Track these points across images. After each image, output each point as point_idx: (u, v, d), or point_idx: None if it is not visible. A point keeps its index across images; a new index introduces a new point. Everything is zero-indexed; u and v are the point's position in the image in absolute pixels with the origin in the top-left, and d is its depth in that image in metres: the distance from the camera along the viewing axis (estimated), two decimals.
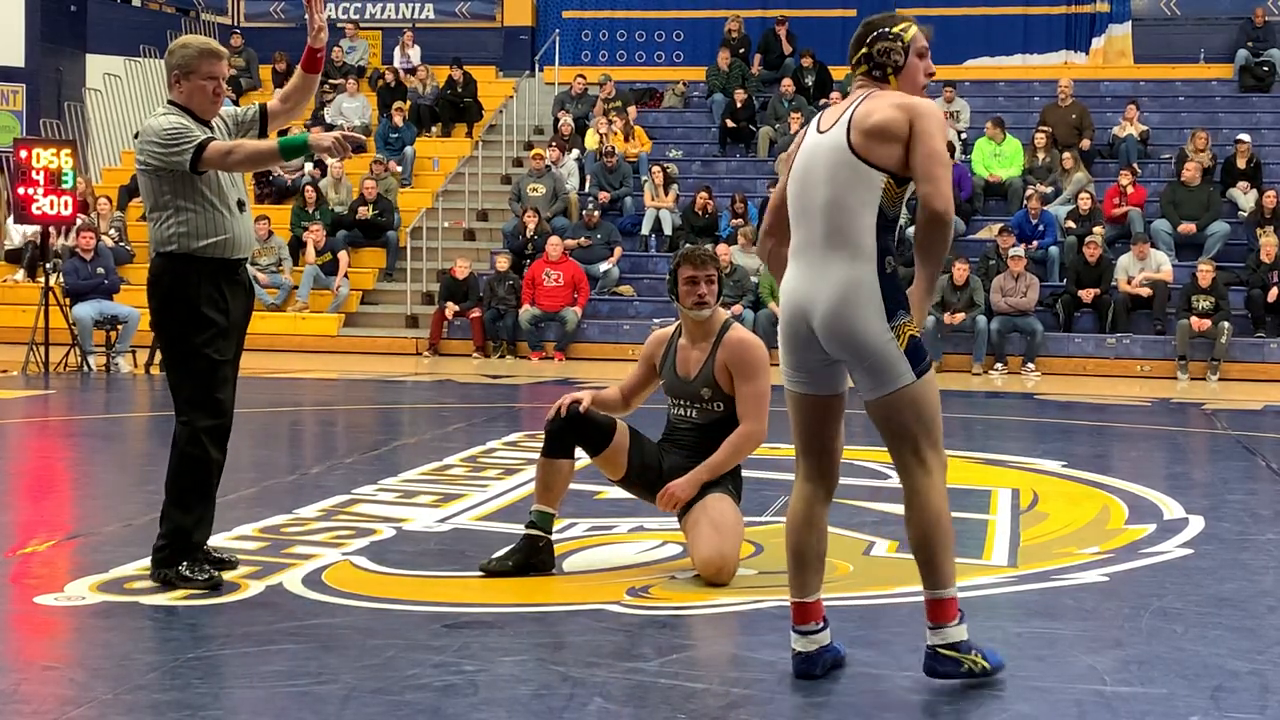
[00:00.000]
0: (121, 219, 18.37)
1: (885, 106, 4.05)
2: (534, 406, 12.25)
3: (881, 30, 4.23)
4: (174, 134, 5.09)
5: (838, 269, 4.00)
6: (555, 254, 16.44)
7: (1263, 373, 15.13)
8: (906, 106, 4.07)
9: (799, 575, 4.17)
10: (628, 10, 23.05)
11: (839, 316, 3.99)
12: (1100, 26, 21.72)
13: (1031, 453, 8.90)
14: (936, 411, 4.18)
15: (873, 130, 4.01)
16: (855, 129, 4.03)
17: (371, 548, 5.78)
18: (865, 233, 4.01)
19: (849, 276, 3.99)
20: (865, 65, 4.22)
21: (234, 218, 5.23)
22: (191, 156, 5.05)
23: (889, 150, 4.01)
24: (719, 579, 5.22)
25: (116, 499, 6.89)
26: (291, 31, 23.33)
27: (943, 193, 3.96)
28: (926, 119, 4.05)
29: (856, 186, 4.01)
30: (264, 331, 16.84)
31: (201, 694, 3.92)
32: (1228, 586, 5.42)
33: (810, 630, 4.15)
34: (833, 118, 4.14)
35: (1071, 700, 3.97)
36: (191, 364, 5.13)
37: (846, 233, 4.01)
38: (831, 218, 4.03)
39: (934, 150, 3.99)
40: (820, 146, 4.09)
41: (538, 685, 4.03)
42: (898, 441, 4.14)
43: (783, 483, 7.52)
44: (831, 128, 4.10)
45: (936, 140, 4.02)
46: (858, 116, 4.05)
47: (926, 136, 4.01)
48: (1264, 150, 18.52)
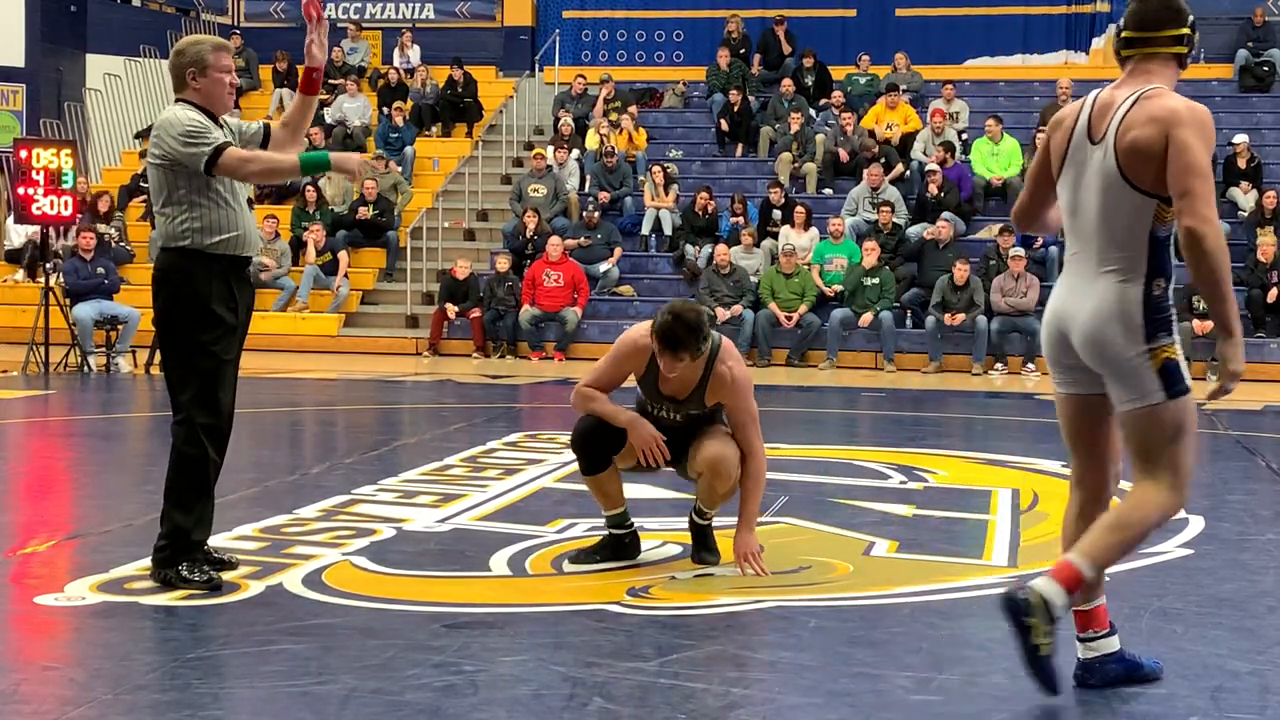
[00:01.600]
0: (121, 219, 18.37)
1: (1142, 120, 3.88)
2: (534, 407, 12.25)
3: (1193, 19, 4.03)
4: (194, 131, 5.05)
5: (1105, 287, 3.95)
6: (555, 254, 16.44)
7: (1263, 373, 15.12)
8: (1163, 119, 3.86)
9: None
10: (628, 10, 23.05)
11: (1098, 333, 3.96)
12: (1100, 26, 21.72)
13: (1031, 453, 8.90)
14: (1185, 435, 4.04)
15: (1130, 150, 3.89)
16: (1120, 145, 3.90)
17: (371, 548, 5.78)
18: (1139, 253, 3.92)
19: (1115, 294, 3.94)
20: (1162, 48, 4.01)
21: (245, 214, 5.23)
22: (208, 158, 5.03)
23: (1149, 170, 3.87)
24: (721, 469, 5.38)
25: (116, 499, 6.89)
26: (291, 31, 23.33)
27: (1196, 210, 3.77)
28: (1186, 128, 3.83)
29: (1126, 207, 3.91)
30: (264, 331, 16.87)
31: (201, 694, 3.92)
32: (1228, 586, 5.42)
33: (1090, 638, 4.12)
34: (1103, 118, 3.97)
35: (1071, 700, 3.97)
36: (197, 362, 5.11)
37: (1119, 251, 3.93)
38: (1104, 235, 3.95)
39: (1189, 164, 3.79)
40: (1092, 159, 3.98)
41: (538, 685, 4.03)
42: (1140, 458, 4.04)
43: (783, 483, 7.53)
44: (1102, 137, 3.96)
45: (1194, 151, 3.81)
46: (1121, 129, 3.91)
47: (1183, 149, 3.81)
48: (1264, 150, 18.52)
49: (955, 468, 8.34)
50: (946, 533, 6.39)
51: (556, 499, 7.04)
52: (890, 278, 15.98)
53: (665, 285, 17.40)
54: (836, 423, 11.53)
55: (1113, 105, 3.97)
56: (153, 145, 5.17)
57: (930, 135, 18.43)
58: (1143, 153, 3.85)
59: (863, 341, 15.95)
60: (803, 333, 15.89)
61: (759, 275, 16.38)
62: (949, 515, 6.79)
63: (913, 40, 20.96)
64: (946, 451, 9.05)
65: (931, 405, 12.61)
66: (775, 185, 17.52)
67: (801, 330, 15.87)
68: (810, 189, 18.59)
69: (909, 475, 7.95)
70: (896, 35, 21.10)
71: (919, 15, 21.85)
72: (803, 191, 18.49)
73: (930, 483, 7.79)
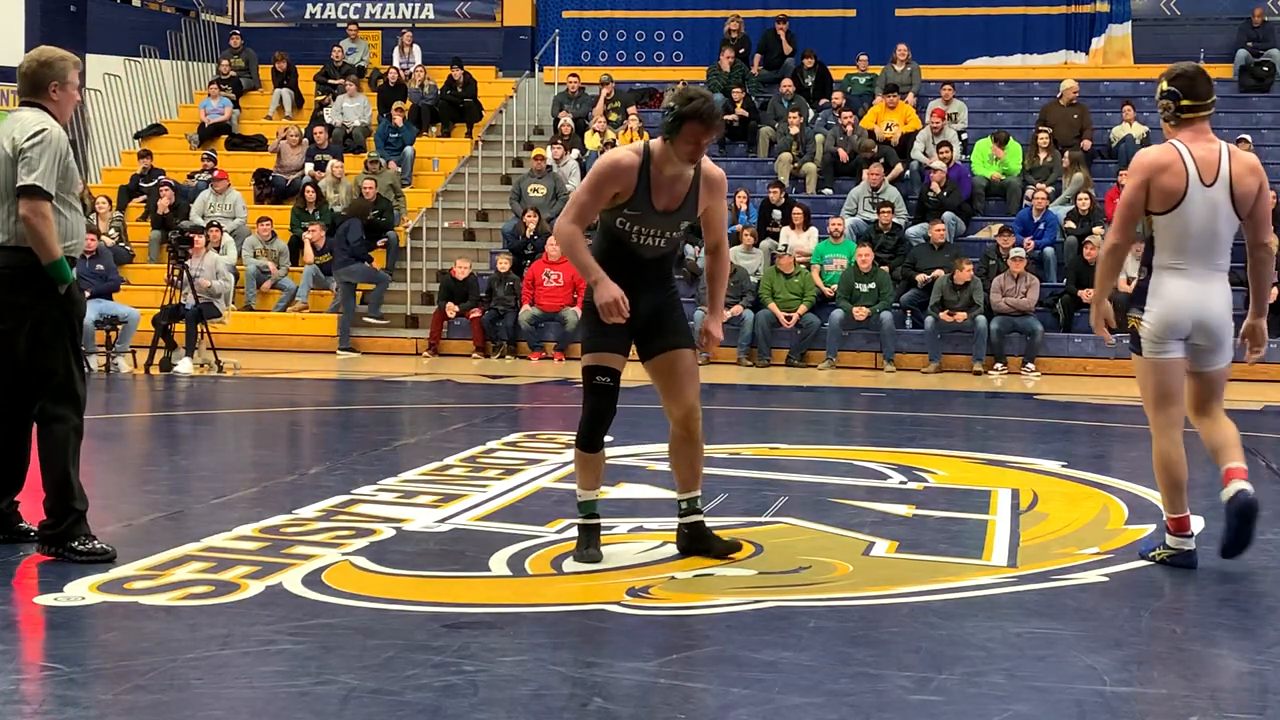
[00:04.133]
0: (121, 219, 18.37)
1: (1246, 172, 5.59)
2: (534, 407, 12.26)
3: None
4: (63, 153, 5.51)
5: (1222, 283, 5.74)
6: (555, 254, 16.43)
7: (1262, 373, 15.12)
8: (1257, 169, 5.63)
9: (1180, 497, 5.69)
10: (628, 10, 23.04)
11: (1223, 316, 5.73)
12: (1100, 26, 21.71)
13: (1031, 453, 8.90)
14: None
15: (1244, 195, 5.58)
16: (1235, 191, 5.55)
17: (371, 548, 5.78)
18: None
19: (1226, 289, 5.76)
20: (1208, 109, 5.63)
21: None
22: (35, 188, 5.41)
23: (1246, 207, 5.62)
24: (691, 422, 5.66)
25: (116, 499, 6.89)
26: (291, 31, 23.34)
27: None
28: (1264, 176, 5.66)
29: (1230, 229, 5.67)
30: (264, 331, 16.91)
31: (201, 694, 3.92)
32: (1228, 586, 5.42)
33: (1189, 534, 5.67)
34: (1210, 168, 5.53)
35: (1071, 700, 3.98)
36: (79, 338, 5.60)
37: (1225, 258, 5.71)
38: (1224, 250, 5.66)
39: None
40: (1213, 199, 5.53)
41: (538, 685, 4.03)
42: (1219, 396, 5.83)
43: (783, 483, 7.53)
44: (1214, 184, 5.52)
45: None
46: (1235, 178, 5.55)
47: (1267, 192, 5.65)
48: (1264, 150, 18.51)
49: (955, 468, 8.34)
50: (946, 533, 6.39)
51: (556, 499, 7.04)
52: (887, 279, 15.97)
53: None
54: (836, 423, 11.54)
55: (1214, 156, 5.56)
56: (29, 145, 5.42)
57: (930, 135, 18.43)
58: (1250, 195, 5.62)
59: (862, 342, 15.94)
60: (802, 333, 15.89)
61: (759, 275, 16.38)
62: (949, 515, 6.79)
63: (913, 40, 20.94)
64: (946, 451, 9.05)
65: (931, 405, 12.61)
66: (775, 185, 17.52)
67: (801, 330, 15.87)
68: (810, 189, 18.59)
69: (909, 475, 7.95)
70: (896, 35, 21.07)
71: (919, 15, 21.84)
72: (802, 192, 18.49)
73: (930, 483, 7.79)
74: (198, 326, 14.23)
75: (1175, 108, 5.57)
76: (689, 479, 5.73)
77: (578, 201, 5.46)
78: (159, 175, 18.94)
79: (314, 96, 21.50)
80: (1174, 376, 5.69)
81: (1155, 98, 5.80)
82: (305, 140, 19.95)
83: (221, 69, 22.14)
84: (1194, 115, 5.56)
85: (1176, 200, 5.50)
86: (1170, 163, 5.51)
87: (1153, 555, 5.74)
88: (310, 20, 23.52)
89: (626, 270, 5.50)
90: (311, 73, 21.71)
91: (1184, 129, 5.58)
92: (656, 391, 5.75)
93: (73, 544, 5.43)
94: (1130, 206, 5.59)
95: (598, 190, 5.42)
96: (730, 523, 6.43)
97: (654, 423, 11.44)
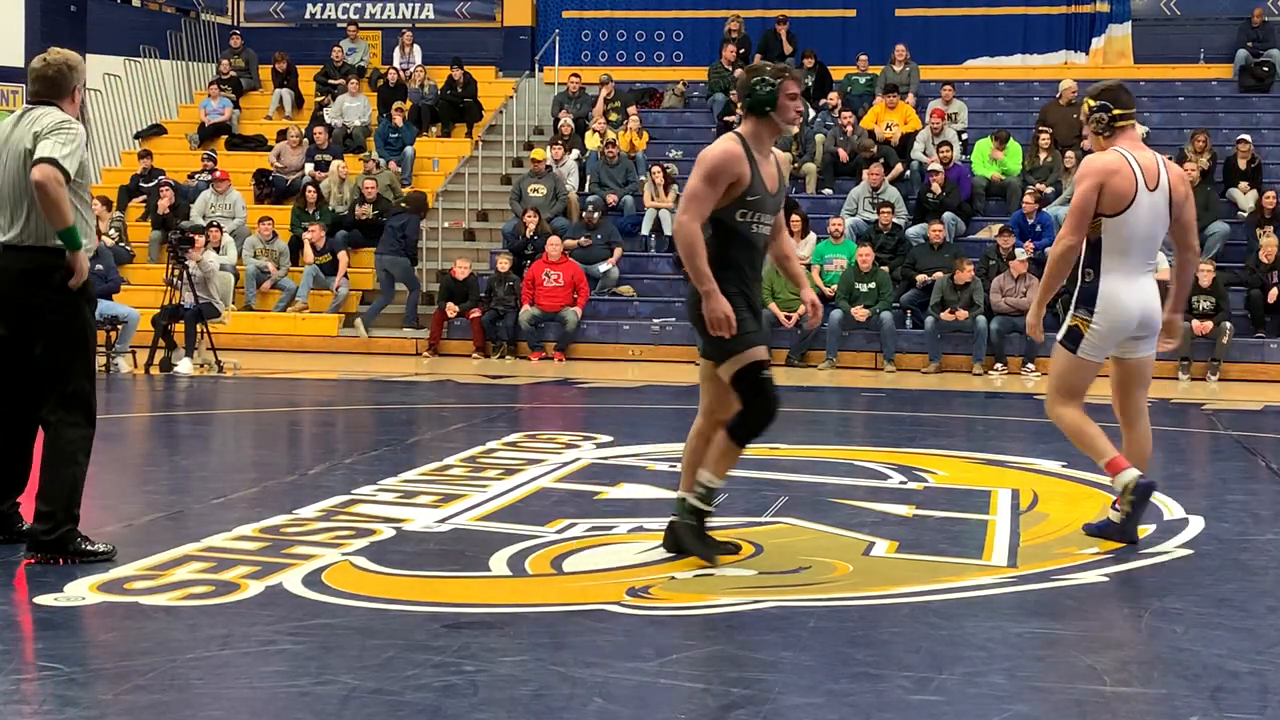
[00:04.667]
0: (121, 219, 18.37)
1: (1179, 180, 6.05)
2: (534, 407, 12.26)
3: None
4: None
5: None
6: (555, 254, 16.44)
7: (1263, 373, 15.13)
8: (1185, 179, 6.10)
9: (1103, 442, 6.08)
10: (628, 10, 23.03)
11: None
12: (1100, 26, 21.71)
13: (1031, 453, 8.90)
14: None
15: (1180, 201, 5.99)
16: (1173, 197, 5.97)
17: (371, 548, 5.78)
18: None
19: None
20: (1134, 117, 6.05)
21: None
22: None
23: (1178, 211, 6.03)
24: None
25: (116, 499, 6.89)
26: (291, 31, 23.33)
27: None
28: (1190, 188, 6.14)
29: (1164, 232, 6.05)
30: (264, 331, 16.91)
31: (201, 694, 3.92)
32: (1228, 587, 5.42)
33: (1129, 467, 6.02)
34: (1152, 174, 5.93)
35: (1071, 700, 3.98)
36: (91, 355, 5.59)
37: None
38: (1156, 252, 6.01)
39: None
40: (1155, 203, 5.91)
41: (538, 685, 4.03)
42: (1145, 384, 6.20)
43: (783, 483, 7.53)
44: (1156, 189, 5.91)
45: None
46: (1172, 184, 5.98)
47: (1192, 200, 6.13)
48: (1264, 150, 18.51)
49: (955, 468, 8.34)
50: (946, 533, 6.39)
51: (556, 499, 7.04)
52: (887, 279, 15.97)
53: (665, 285, 17.39)
54: (836, 423, 11.54)
55: (1152, 163, 5.95)
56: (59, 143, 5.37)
57: (929, 135, 18.43)
58: (1186, 199, 6.07)
59: (862, 342, 15.94)
60: (802, 333, 15.89)
61: None
62: (949, 515, 6.79)
63: (913, 40, 20.94)
64: (946, 451, 9.06)
65: (931, 405, 12.62)
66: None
67: (801, 330, 15.87)
68: (810, 189, 18.58)
69: (909, 475, 7.95)
70: (896, 35, 21.07)
71: (919, 15, 21.84)
72: (802, 192, 18.49)
73: (930, 483, 7.79)
74: (197, 326, 14.23)
75: (1109, 119, 6.00)
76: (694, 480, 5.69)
77: (696, 196, 5.37)
78: (159, 175, 18.94)
79: (314, 96, 21.49)
80: (1094, 374, 6.13)
81: (1083, 117, 6.20)
82: (305, 140, 19.95)
83: (221, 69, 22.14)
84: (1125, 124, 6.00)
85: (1126, 203, 5.84)
86: (1120, 167, 5.86)
87: (1116, 518, 6.02)
88: (310, 20, 23.52)
89: (748, 263, 5.50)
90: (311, 73, 21.71)
91: (1118, 138, 6.00)
92: (708, 387, 5.64)
93: (69, 548, 5.41)
94: (1085, 209, 5.87)
95: (714, 182, 5.37)
96: (730, 523, 6.43)
97: (655, 423, 11.47)
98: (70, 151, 5.34)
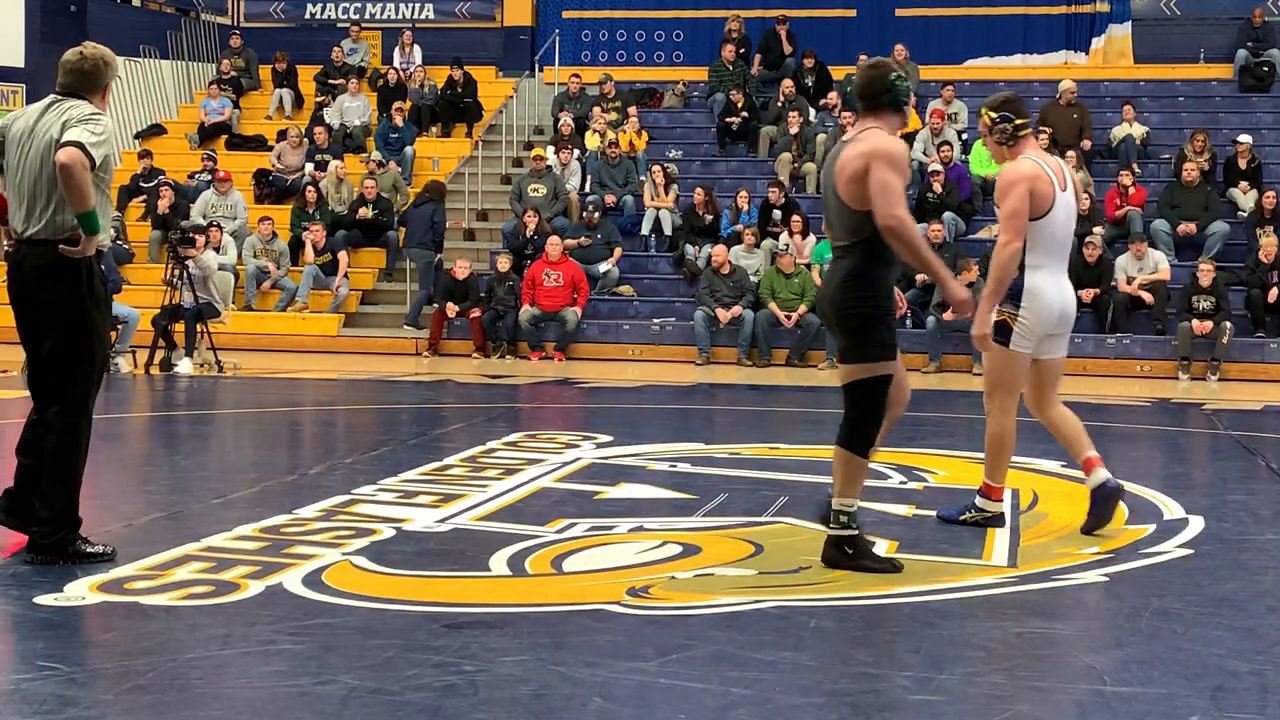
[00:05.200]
0: (121, 219, 18.36)
1: (1075, 180, 6.40)
2: (534, 406, 12.26)
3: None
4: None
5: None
6: (555, 254, 16.44)
7: (1263, 373, 15.13)
8: (1077, 180, 6.48)
9: (1004, 468, 6.45)
10: (628, 10, 23.03)
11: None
12: (1100, 26, 21.71)
13: (1031, 453, 8.88)
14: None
15: (1078, 200, 6.40)
16: (1077, 196, 6.36)
17: (371, 548, 5.78)
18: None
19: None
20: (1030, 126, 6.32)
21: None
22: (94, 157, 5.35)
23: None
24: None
25: (116, 499, 6.89)
26: (291, 31, 23.33)
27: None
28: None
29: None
30: (264, 331, 16.91)
31: (201, 694, 3.92)
32: (1228, 586, 5.42)
33: (1001, 501, 6.47)
34: (1060, 176, 6.20)
35: (1071, 700, 3.98)
36: (97, 350, 5.51)
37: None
38: (1069, 246, 6.36)
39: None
40: (1068, 203, 6.22)
41: (538, 685, 4.03)
42: (1057, 384, 6.47)
43: (783, 483, 7.53)
44: (1066, 190, 6.20)
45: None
46: (1075, 186, 6.32)
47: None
48: (1264, 150, 18.52)
49: (955, 468, 8.34)
50: (946, 533, 6.39)
51: (556, 499, 7.04)
52: None
53: (665, 285, 17.40)
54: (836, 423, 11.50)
55: (1059, 167, 6.29)
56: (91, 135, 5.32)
57: (929, 135, 18.43)
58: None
59: None
60: (803, 333, 15.89)
61: (759, 275, 16.38)
62: None
63: (913, 40, 20.94)
64: (946, 451, 9.05)
65: (931, 405, 12.61)
66: (775, 185, 17.51)
67: (801, 330, 15.87)
68: (810, 189, 18.58)
69: (909, 475, 7.95)
70: (896, 35, 21.06)
71: (919, 15, 21.84)
72: (803, 192, 18.49)
73: (930, 483, 7.79)
74: (197, 326, 14.23)
75: (1012, 128, 6.25)
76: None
77: (897, 189, 5.34)
78: (159, 175, 18.94)
79: (314, 96, 21.49)
80: (1025, 367, 6.35)
81: (984, 129, 6.36)
82: (305, 140, 19.95)
83: (222, 69, 22.14)
84: (1025, 132, 6.28)
85: (1049, 205, 6.13)
86: (1040, 173, 6.14)
87: (962, 519, 6.42)
88: (310, 20, 23.52)
89: (891, 276, 5.56)
90: (311, 73, 21.71)
91: (1022, 145, 6.26)
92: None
93: (69, 550, 5.39)
94: (1022, 213, 6.10)
95: (904, 172, 5.42)
96: (730, 523, 6.43)
97: (654, 423, 11.48)
98: (98, 140, 5.29)
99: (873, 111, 5.54)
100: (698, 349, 15.92)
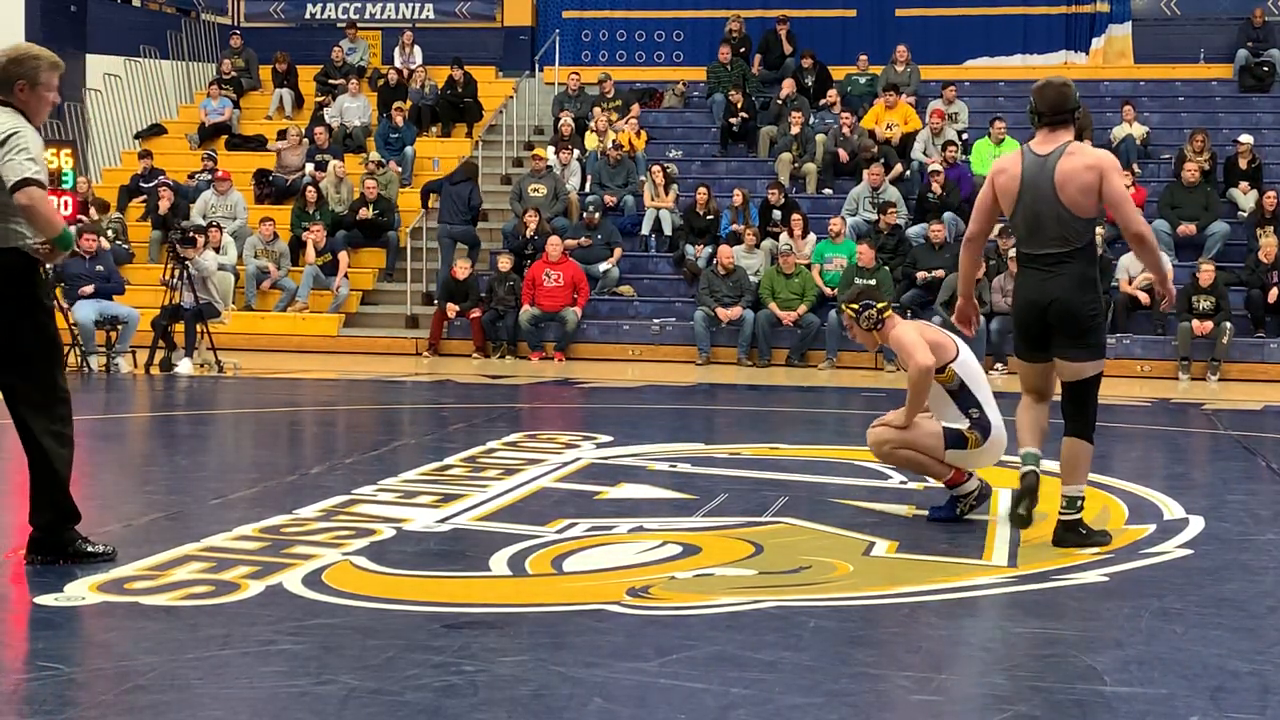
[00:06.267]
0: (121, 219, 18.37)
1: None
2: (534, 407, 12.26)
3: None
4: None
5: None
6: (555, 254, 16.44)
7: (1263, 373, 15.13)
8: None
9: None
10: (628, 10, 23.03)
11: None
12: (1100, 27, 21.71)
13: None
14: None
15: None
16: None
17: (371, 548, 5.78)
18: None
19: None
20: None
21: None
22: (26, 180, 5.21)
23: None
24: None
25: (116, 499, 6.89)
26: (291, 31, 23.32)
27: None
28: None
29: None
30: (264, 331, 16.91)
31: (201, 694, 3.92)
32: (1228, 587, 5.42)
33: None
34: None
35: (1071, 700, 3.98)
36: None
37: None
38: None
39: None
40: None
41: (538, 685, 4.03)
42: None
43: (783, 483, 7.53)
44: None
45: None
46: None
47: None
48: (1264, 150, 18.51)
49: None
50: (946, 533, 6.39)
51: (556, 499, 7.04)
52: (888, 277, 15.96)
53: (665, 285, 17.40)
54: (836, 423, 11.53)
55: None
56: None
57: (930, 135, 18.43)
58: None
59: None
60: (803, 333, 15.89)
61: (759, 275, 16.38)
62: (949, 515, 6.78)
63: (913, 40, 20.95)
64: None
65: None
66: (775, 185, 17.51)
67: (801, 330, 15.87)
68: (810, 189, 18.58)
69: (909, 475, 7.94)
70: (896, 35, 21.08)
71: (919, 15, 21.84)
72: (803, 192, 18.48)
73: (930, 483, 7.78)
74: (197, 327, 14.23)
75: (877, 314, 6.75)
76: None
77: (1130, 198, 6.15)
78: (159, 175, 18.94)
79: (314, 96, 21.49)
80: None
81: (849, 323, 6.86)
82: (305, 140, 19.94)
83: (222, 69, 22.14)
84: (888, 313, 6.74)
85: (952, 355, 6.79)
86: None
87: (959, 513, 6.63)
88: (310, 20, 23.52)
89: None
90: (311, 73, 21.71)
91: (888, 324, 6.72)
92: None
93: (69, 549, 5.39)
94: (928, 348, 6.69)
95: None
96: (730, 523, 6.43)
97: (654, 422, 11.47)
98: (34, 158, 5.25)
99: (1062, 125, 5.92)
100: (698, 349, 15.91)
